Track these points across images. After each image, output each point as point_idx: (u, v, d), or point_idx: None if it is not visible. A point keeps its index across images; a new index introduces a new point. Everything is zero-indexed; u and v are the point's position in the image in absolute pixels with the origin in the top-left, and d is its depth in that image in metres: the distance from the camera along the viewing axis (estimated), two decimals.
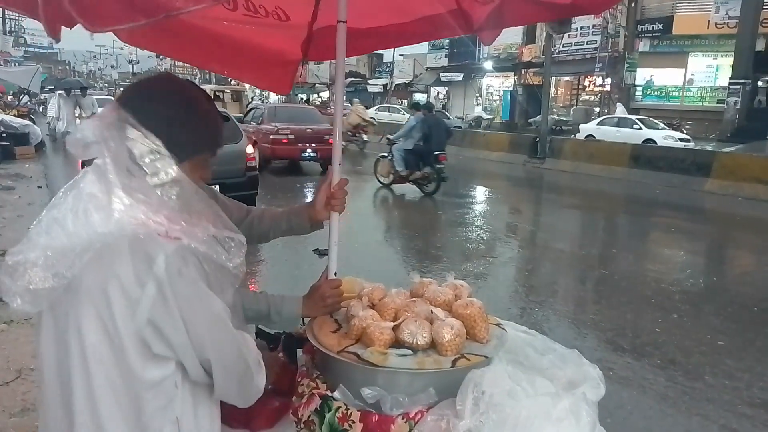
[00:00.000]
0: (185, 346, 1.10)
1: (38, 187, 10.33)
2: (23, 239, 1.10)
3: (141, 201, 1.08)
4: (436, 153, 11.17)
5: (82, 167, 1.16)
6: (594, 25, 29.17)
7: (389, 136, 12.60)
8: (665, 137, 20.36)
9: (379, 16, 2.07)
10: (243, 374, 1.21)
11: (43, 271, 1.05)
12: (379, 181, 12.54)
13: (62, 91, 14.61)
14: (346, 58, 1.84)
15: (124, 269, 1.05)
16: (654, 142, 19.65)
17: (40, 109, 29.57)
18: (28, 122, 16.31)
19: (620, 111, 26.29)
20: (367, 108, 37.35)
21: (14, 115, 17.75)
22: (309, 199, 2.05)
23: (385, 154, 12.31)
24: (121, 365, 1.08)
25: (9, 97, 25.78)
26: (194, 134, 1.24)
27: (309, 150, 14.25)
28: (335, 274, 1.75)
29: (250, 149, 8.62)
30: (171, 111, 1.22)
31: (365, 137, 19.97)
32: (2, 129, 14.57)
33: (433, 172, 11.28)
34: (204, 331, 1.12)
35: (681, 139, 20.35)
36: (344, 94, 1.91)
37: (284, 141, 14.21)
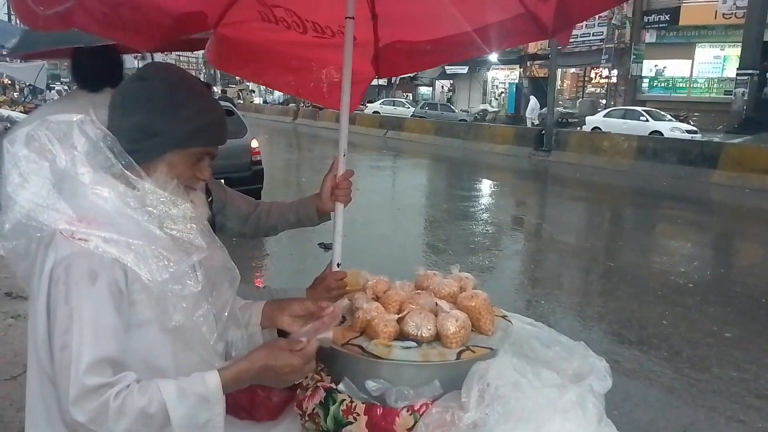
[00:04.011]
0: (43, 342, 1.07)
1: None
2: None
3: (66, 200, 1.09)
4: None
5: None
6: (600, 17, 28.92)
7: None
8: (672, 129, 20.22)
9: (443, 27, 1.99)
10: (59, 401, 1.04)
11: (16, 255, 1.14)
12: None
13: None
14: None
15: (39, 260, 1.08)
16: (661, 133, 19.51)
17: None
18: None
19: (533, 104, 27.02)
20: (372, 102, 37.42)
21: (20, 111, 17.81)
22: None
23: None
24: (45, 347, 1.09)
25: (15, 94, 25.90)
26: (171, 126, 1.17)
27: None
28: (338, 265, 1.75)
29: (255, 143, 8.61)
30: (144, 101, 1.17)
31: None
32: (9, 125, 14.61)
33: None
34: (53, 344, 1.05)
35: (688, 131, 20.21)
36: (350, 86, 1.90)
37: None
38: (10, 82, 29.26)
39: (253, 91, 45.13)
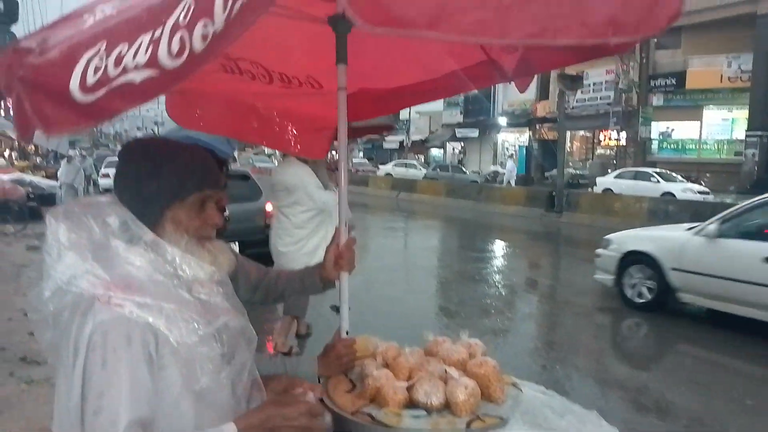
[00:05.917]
0: (76, 409, 1.07)
1: None
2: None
3: (103, 267, 1.14)
4: None
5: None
6: (606, 81, 29.59)
7: None
8: (684, 190, 20.26)
9: (408, 75, 2.10)
10: None
11: (44, 325, 1.16)
12: None
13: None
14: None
15: (76, 327, 1.11)
16: (673, 195, 19.54)
17: None
18: (55, 183, 16.79)
19: (509, 167, 30.36)
20: (384, 164, 37.93)
21: (42, 176, 18.32)
22: None
23: None
24: (77, 412, 1.08)
25: (38, 159, 26.66)
26: (159, 184, 1.24)
27: None
28: (347, 333, 1.76)
29: (269, 207, 8.75)
30: (131, 173, 1.26)
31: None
32: (30, 190, 15.00)
33: None
34: (85, 408, 1.05)
35: (700, 192, 20.23)
36: (348, 152, 1.94)
37: None
38: (34, 147, 30.17)
39: (270, 156, 45.99)
